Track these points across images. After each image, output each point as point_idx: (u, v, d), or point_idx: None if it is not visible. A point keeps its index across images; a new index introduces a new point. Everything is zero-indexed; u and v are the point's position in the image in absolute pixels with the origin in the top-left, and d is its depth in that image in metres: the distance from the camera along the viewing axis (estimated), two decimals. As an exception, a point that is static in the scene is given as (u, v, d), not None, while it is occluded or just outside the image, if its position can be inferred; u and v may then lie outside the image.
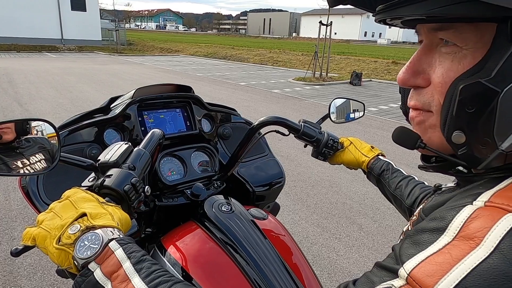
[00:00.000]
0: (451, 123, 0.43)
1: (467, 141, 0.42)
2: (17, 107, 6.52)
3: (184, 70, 14.01)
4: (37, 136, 0.69)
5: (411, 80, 0.49)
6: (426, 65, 0.47)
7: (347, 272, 2.38)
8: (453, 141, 0.43)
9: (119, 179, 0.67)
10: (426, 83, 0.48)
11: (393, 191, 0.95)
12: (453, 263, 0.34)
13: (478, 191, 0.41)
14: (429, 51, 0.47)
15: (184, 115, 1.22)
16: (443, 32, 0.44)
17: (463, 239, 0.36)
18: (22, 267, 2.24)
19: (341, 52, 25.05)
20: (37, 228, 0.55)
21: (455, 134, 0.43)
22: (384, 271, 0.41)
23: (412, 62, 0.48)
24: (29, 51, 19.17)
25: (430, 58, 0.47)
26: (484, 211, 0.37)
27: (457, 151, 0.44)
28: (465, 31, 0.41)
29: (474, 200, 0.39)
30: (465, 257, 0.34)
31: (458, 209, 0.39)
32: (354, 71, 12.43)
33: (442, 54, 0.45)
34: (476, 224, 0.36)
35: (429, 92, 0.47)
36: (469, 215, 0.37)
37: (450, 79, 0.43)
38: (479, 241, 0.34)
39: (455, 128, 0.43)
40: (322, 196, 3.52)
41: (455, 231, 0.37)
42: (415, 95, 0.50)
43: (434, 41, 0.46)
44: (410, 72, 0.48)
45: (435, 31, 0.45)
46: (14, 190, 3.23)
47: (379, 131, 6.08)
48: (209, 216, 0.92)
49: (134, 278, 0.50)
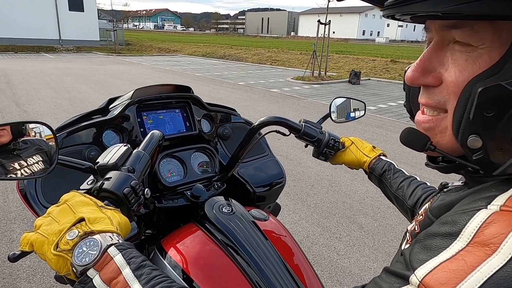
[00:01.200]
0: (467, 127, 0.41)
1: (484, 146, 0.40)
2: (15, 108, 6.50)
3: (182, 70, 13.99)
4: (34, 138, 0.68)
5: (420, 79, 0.47)
6: (437, 63, 0.45)
7: (348, 272, 2.37)
8: (469, 146, 0.41)
9: (118, 182, 0.66)
10: (437, 82, 0.46)
11: (395, 191, 0.94)
12: (468, 271, 0.33)
13: (491, 193, 0.40)
14: (441, 49, 0.45)
15: (184, 116, 1.21)
16: (457, 31, 0.41)
17: (478, 246, 0.34)
18: (21, 269, 2.23)
19: (339, 51, 25.05)
20: (34, 233, 0.54)
21: (471, 139, 0.41)
22: (394, 277, 0.40)
23: (422, 60, 0.46)
24: (26, 51, 19.10)
25: (441, 57, 0.45)
26: (500, 216, 0.35)
27: (471, 156, 0.42)
28: (481, 29, 0.39)
29: (488, 203, 0.38)
30: (480, 264, 0.33)
31: (472, 213, 0.37)
32: (353, 70, 12.44)
33: (455, 52, 0.43)
34: (492, 229, 0.35)
35: (443, 91, 0.45)
36: (484, 220, 0.36)
37: (464, 79, 0.41)
38: (495, 247, 0.33)
39: (471, 132, 0.41)
40: (322, 195, 3.52)
41: (469, 236, 0.36)
42: (426, 93, 0.48)
43: (446, 39, 0.44)
44: (419, 71, 0.47)
45: (448, 29, 0.43)
46: (12, 191, 3.21)
47: (379, 129, 6.08)
48: (209, 217, 0.91)
49: (134, 285, 0.49)
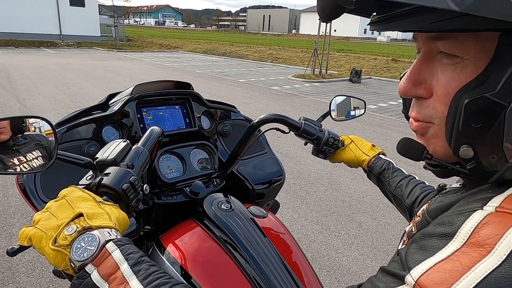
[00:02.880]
0: (458, 138, 0.42)
1: (476, 155, 0.41)
2: (15, 103, 6.49)
3: (183, 67, 13.96)
4: (34, 133, 0.68)
5: (412, 91, 0.47)
6: (427, 74, 0.46)
7: (346, 270, 2.38)
8: (461, 156, 0.42)
9: (117, 177, 0.66)
10: (428, 93, 0.46)
11: (393, 190, 0.94)
12: (463, 271, 0.33)
13: (488, 195, 0.40)
14: (429, 60, 0.45)
15: (184, 112, 1.21)
16: (442, 42, 0.42)
17: (473, 246, 0.35)
18: (20, 264, 2.23)
19: (340, 50, 25.00)
20: (33, 228, 0.54)
21: (462, 149, 0.42)
22: (390, 276, 0.40)
23: (412, 72, 0.47)
24: (27, 46, 19.06)
25: (430, 67, 0.45)
26: (495, 217, 0.36)
27: (465, 166, 0.43)
28: (465, 40, 0.39)
29: (484, 205, 0.38)
30: (475, 265, 0.33)
31: (468, 214, 0.38)
32: (354, 68, 12.42)
33: (442, 64, 0.43)
34: (487, 230, 0.35)
35: (430, 105, 0.46)
36: (479, 221, 0.36)
37: (453, 89, 0.42)
38: (490, 248, 0.33)
39: (462, 143, 0.42)
40: (322, 193, 3.52)
41: (464, 237, 0.36)
42: (416, 106, 0.49)
43: (433, 49, 0.44)
44: (411, 83, 0.47)
45: (433, 40, 0.43)
46: (12, 186, 3.21)
47: (379, 128, 6.07)
48: (208, 214, 0.91)
49: (132, 280, 0.49)
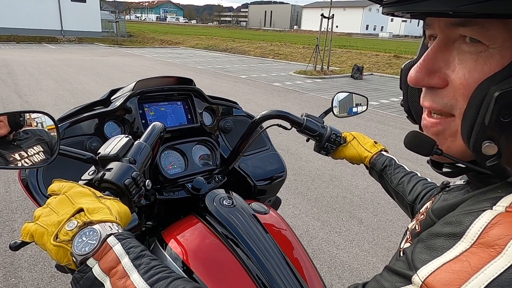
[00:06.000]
0: (480, 133, 0.39)
1: (499, 152, 0.39)
2: (17, 98, 6.50)
3: (184, 63, 13.94)
4: (36, 128, 0.68)
5: (425, 80, 0.44)
6: (442, 63, 0.43)
7: (347, 266, 2.38)
8: (484, 153, 0.39)
9: (119, 172, 0.66)
10: (443, 83, 0.43)
11: (395, 187, 0.94)
12: (472, 272, 0.32)
13: (497, 194, 0.39)
14: (446, 48, 0.43)
15: (185, 108, 1.20)
16: (465, 29, 0.39)
17: (483, 247, 0.34)
18: (22, 259, 2.25)
19: (342, 46, 24.90)
20: (34, 224, 0.54)
21: (485, 145, 0.39)
22: (396, 276, 0.39)
23: (426, 60, 0.44)
24: (28, 42, 19.06)
25: (447, 56, 0.42)
26: (506, 217, 0.35)
27: (485, 163, 0.40)
28: (493, 27, 0.37)
29: (493, 204, 0.37)
30: (485, 266, 0.32)
31: (476, 214, 0.37)
32: (355, 64, 12.37)
33: (462, 52, 0.41)
34: (497, 231, 0.34)
35: (450, 93, 0.43)
36: (489, 221, 0.35)
37: (474, 80, 0.39)
38: (500, 249, 0.32)
39: (485, 138, 0.39)
40: (323, 190, 3.52)
41: (473, 237, 0.35)
42: (430, 95, 0.45)
43: (451, 37, 0.42)
44: (424, 71, 0.44)
45: (455, 27, 0.40)
46: (14, 181, 3.23)
47: (380, 125, 6.06)
48: (210, 210, 0.92)
49: (133, 274, 0.49)
